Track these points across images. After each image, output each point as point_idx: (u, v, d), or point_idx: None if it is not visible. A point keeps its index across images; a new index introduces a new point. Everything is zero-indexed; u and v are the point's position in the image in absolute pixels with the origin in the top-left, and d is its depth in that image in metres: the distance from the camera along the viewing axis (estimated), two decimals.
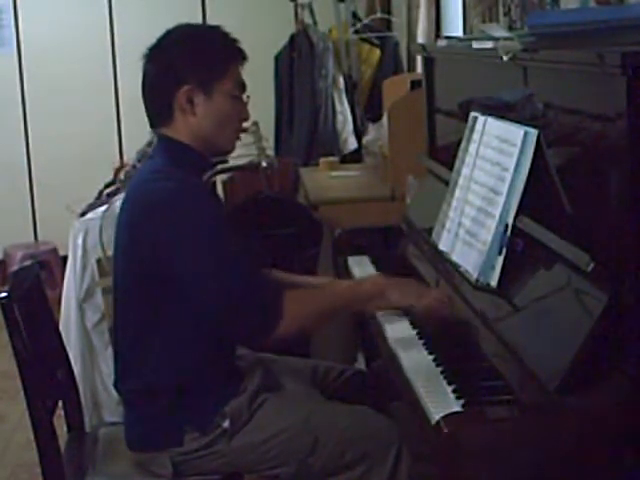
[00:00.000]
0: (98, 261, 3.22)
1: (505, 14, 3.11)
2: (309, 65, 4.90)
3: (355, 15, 5.11)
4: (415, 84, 3.46)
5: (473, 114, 2.24)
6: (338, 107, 4.95)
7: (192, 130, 2.02)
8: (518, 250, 1.92)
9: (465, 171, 2.21)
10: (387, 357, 2.07)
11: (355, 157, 4.90)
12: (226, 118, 2.04)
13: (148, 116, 2.08)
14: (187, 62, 2.00)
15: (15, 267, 2.50)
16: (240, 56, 2.06)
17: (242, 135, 2.14)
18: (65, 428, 2.24)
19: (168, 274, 1.94)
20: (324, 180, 3.99)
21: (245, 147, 3.11)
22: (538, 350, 1.67)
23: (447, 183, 2.33)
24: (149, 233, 1.95)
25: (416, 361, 1.93)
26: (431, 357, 1.93)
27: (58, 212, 4.01)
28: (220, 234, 1.95)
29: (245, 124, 2.13)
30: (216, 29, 2.08)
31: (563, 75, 1.80)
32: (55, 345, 2.24)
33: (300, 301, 2.00)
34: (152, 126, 2.09)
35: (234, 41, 2.06)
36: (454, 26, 4.16)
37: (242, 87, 2.07)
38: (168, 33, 2.06)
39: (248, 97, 2.09)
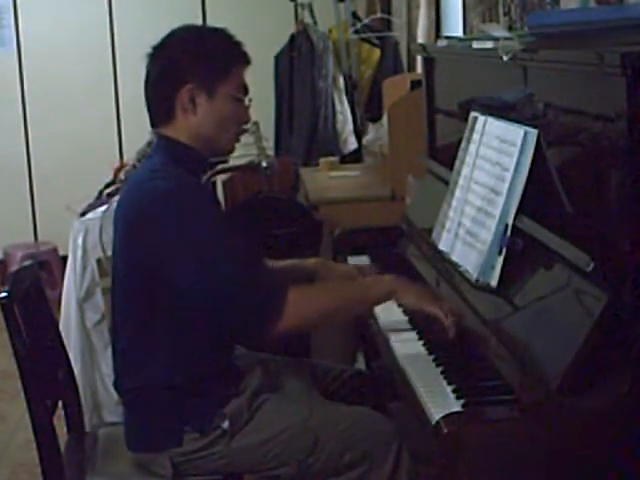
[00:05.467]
0: (98, 261, 3.22)
1: (505, 14, 3.11)
2: (309, 65, 4.90)
3: (355, 15, 5.10)
4: (415, 84, 3.45)
5: (473, 114, 2.24)
6: (338, 107, 4.94)
7: (192, 130, 2.02)
8: (518, 250, 1.92)
9: (465, 171, 2.21)
10: (387, 357, 2.07)
11: (355, 157, 4.90)
12: (227, 120, 2.04)
13: (149, 115, 2.08)
14: (190, 61, 2.00)
15: (15, 267, 2.50)
16: (244, 59, 2.06)
17: (242, 135, 2.15)
18: (65, 428, 2.24)
19: (165, 273, 1.93)
20: (324, 180, 3.99)
21: (245, 147, 3.11)
22: (538, 350, 1.67)
23: (447, 183, 2.33)
24: (145, 232, 1.94)
25: (416, 361, 1.93)
26: (431, 357, 1.93)
27: (58, 212, 4.01)
28: (218, 231, 1.95)
29: (245, 126, 2.13)
30: (221, 31, 2.08)
31: (563, 75, 1.79)
32: (55, 345, 2.24)
33: (304, 300, 1.96)
34: (152, 125, 2.09)
35: (238, 44, 2.06)
36: (454, 26, 4.16)
37: (244, 90, 2.07)
38: (172, 33, 2.06)
39: (250, 100, 2.09)
